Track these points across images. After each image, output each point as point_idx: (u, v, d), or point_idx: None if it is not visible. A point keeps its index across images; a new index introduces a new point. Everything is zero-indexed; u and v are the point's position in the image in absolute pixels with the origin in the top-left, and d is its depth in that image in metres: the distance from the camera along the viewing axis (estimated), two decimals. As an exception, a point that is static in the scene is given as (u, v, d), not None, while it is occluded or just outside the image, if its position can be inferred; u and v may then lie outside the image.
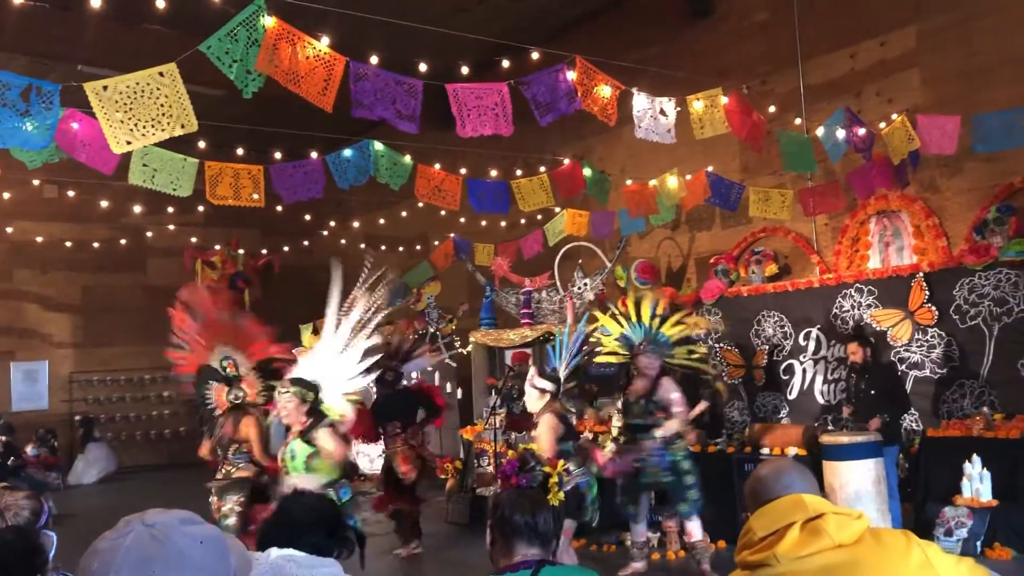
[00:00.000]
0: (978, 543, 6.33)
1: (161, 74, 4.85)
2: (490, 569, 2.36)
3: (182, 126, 4.89)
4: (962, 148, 7.75)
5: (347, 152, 7.91)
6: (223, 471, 6.74)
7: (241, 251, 17.03)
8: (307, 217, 14.51)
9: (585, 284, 11.83)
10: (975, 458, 6.64)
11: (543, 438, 5.64)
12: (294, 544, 2.31)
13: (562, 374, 6.35)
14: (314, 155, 7.92)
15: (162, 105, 4.81)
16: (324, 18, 5.86)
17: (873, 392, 7.25)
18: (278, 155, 8.43)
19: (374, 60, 5.90)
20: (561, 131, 11.99)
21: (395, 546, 8.14)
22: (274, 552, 2.29)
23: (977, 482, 6.59)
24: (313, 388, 5.60)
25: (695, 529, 6.50)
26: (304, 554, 2.29)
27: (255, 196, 7.97)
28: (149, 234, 16.90)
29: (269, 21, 5.05)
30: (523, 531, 2.33)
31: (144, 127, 4.79)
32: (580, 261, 12.13)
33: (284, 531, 2.38)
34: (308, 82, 5.15)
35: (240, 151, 9.03)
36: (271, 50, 4.96)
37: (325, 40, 5.39)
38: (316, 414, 5.59)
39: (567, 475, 3.34)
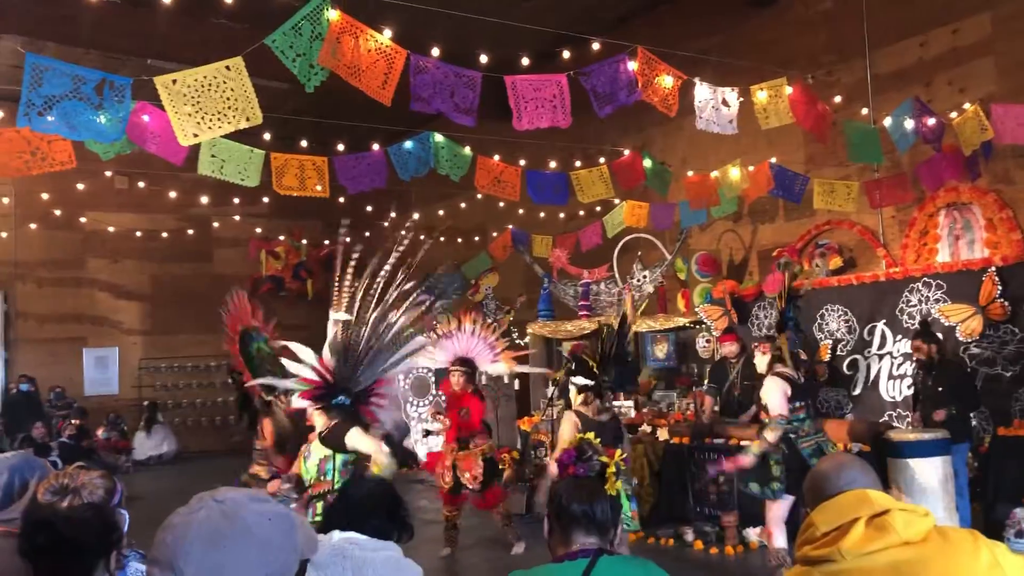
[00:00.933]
0: (1050, 546, 6.15)
1: (228, 68, 4.95)
2: (546, 558, 2.37)
3: (247, 119, 4.98)
4: (1039, 138, 7.50)
5: (408, 144, 7.99)
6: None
7: (304, 242, 17.33)
8: (368, 208, 14.69)
9: (644, 276, 11.76)
10: (1048, 458, 6.44)
11: (563, 436, 5.56)
12: (356, 527, 2.36)
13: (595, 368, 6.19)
14: (376, 147, 8.00)
15: (228, 98, 4.92)
16: (384, 10, 5.91)
17: (941, 389, 7.07)
18: (340, 147, 8.54)
19: (435, 52, 5.92)
20: (621, 122, 11.91)
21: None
22: (336, 535, 2.34)
23: (1050, 483, 6.40)
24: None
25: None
26: (366, 537, 2.34)
27: (319, 187, 8.12)
28: (215, 224, 17.29)
29: (333, 15, 5.11)
30: (581, 520, 2.33)
31: (211, 120, 4.90)
32: (639, 253, 12.06)
33: (346, 514, 2.43)
34: (369, 76, 5.20)
35: (304, 143, 9.17)
36: (334, 44, 5.03)
37: (387, 33, 5.44)
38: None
39: (624, 464, 3.29)
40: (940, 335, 8.39)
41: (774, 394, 5.79)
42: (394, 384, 5.47)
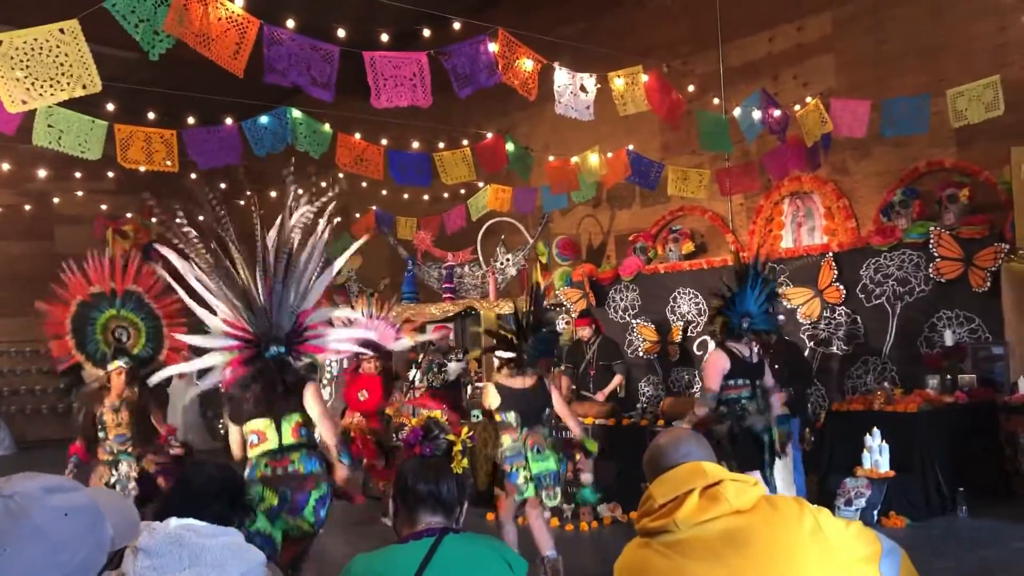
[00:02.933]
0: (875, 512, 6.59)
1: (62, 31, 4.63)
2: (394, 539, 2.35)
3: (83, 87, 4.68)
4: (872, 132, 8.00)
5: (264, 119, 7.75)
6: None
7: (154, 220, 16.50)
8: (223, 186, 14.11)
9: (507, 260, 11.87)
10: (875, 431, 6.90)
11: (489, 404, 5.56)
12: (195, 514, 2.27)
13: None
14: (229, 121, 7.70)
15: (62, 64, 4.60)
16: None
17: (777, 367, 7.48)
18: (192, 120, 8.17)
19: (290, 24, 5.74)
20: (485, 105, 11.93)
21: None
22: (173, 522, 2.24)
23: (876, 454, 6.86)
24: None
25: None
26: (204, 523, 2.24)
27: (168, 162, 7.75)
28: (56, 200, 16.21)
29: (179, -21, 4.87)
30: (427, 500, 2.32)
31: (42, 86, 4.58)
32: (503, 237, 12.14)
33: (185, 502, 2.33)
34: (219, 45, 4.99)
35: (152, 115, 8.71)
36: (181, 11, 4.79)
37: (239, 1, 5.22)
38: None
39: (471, 442, 3.26)
40: (782, 317, 8.87)
41: (708, 367, 5.76)
42: (322, 308, 4.88)
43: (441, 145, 9.84)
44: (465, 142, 9.85)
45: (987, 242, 7.65)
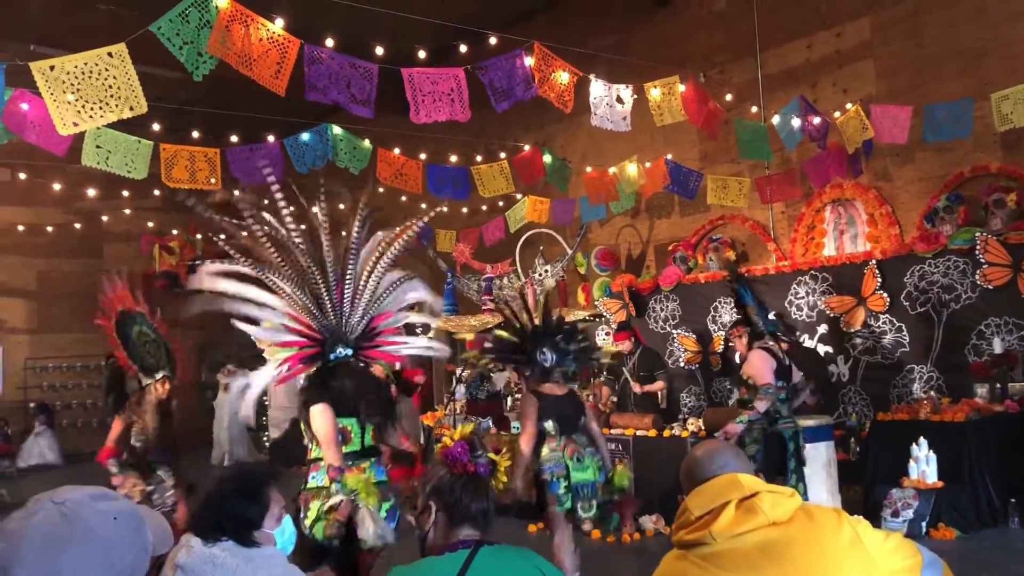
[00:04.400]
0: (923, 524, 6.48)
1: (110, 54, 4.77)
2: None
3: (131, 108, 4.82)
4: (914, 138, 7.90)
5: (305, 136, 7.88)
6: None
7: (199, 236, 16.83)
8: (265, 202, 14.36)
9: (546, 271, 11.89)
10: (922, 441, 6.79)
11: (523, 423, 5.44)
12: (217, 522, 2.34)
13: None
14: (271, 139, 7.84)
15: (110, 86, 4.74)
16: (280, 0, 5.80)
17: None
18: (235, 138, 8.34)
19: (329, 43, 5.84)
20: (522, 118, 12.00)
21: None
22: (195, 542, 2.31)
23: (923, 464, 6.74)
24: None
25: None
26: (234, 545, 2.30)
27: (212, 180, 7.92)
28: (105, 218, 16.61)
29: (222, 2, 4.99)
30: (477, 517, 2.36)
31: (92, 108, 4.72)
32: (541, 248, 12.17)
33: (203, 512, 2.41)
34: (261, 65, 5.10)
35: (196, 134, 8.91)
36: (223, 32, 4.90)
37: (279, 22, 5.34)
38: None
39: (508, 461, 3.24)
40: (826, 326, 8.80)
41: (760, 365, 5.76)
42: (396, 316, 4.70)
43: (479, 158, 9.92)
44: (503, 155, 9.90)
45: (1036, 247, 7.49)
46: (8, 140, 6.65)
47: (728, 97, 9.70)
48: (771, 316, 6.29)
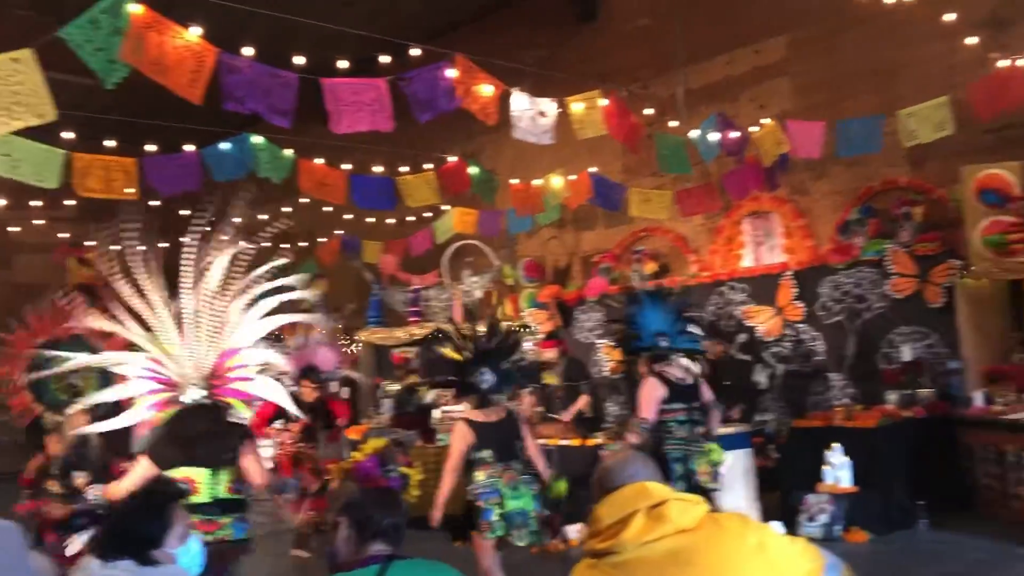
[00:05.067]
0: (837, 528, 6.67)
1: (15, 60, 4.62)
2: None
3: (39, 115, 4.67)
4: (827, 153, 8.15)
5: (224, 145, 7.74)
6: None
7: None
8: (184, 213, 14.02)
9: (474, 282, 11.89)
10: (836, 447, 6.98)
11: (451, 451, 5.20)
12: (123, 541, 2.28)
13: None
14: (189, 148, 7.69)
15: (16, 93, 4.58)
16: (196, 8, 5.69)
17: (726, 383, 7.63)
18: (152, 148, 8.13)
19: (248, 52, 5.76)
20: (450, 129, 11.97)
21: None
22: (94, 564, 2.24)
23: (838, 470, 6.94)
24: None
25: None
26: (131, 564, 2.25)
27: (129, 190, 7.72)
28: (14, 229, 15.99)
29: (135, 9, 4.88)
30: (388, 532, 2.34)
31: (-3, 115, 4.56)
32: (469, 259, 12.17)
33: (110, 533, 2.35)
34: (176, 74, 5.00)
35: (111, 143, 8.66)
36: (137, 39, 4.79)
37: (195, 30, 5.24)
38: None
39: (422, 475, 3.16)
40: (745, 335, 9.00)
41: (645, 395, 5.65)
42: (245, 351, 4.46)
43: (404, 169, 9.87)
44: (429, 166, 9.89)
45: (941, 259, 7.82)
46: (-92, 147, 6.39)
47: (650, 112, 9.86)
48: (688, 329, 6.09)
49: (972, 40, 7.54)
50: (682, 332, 5.91)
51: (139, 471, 4.19)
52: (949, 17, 7.58)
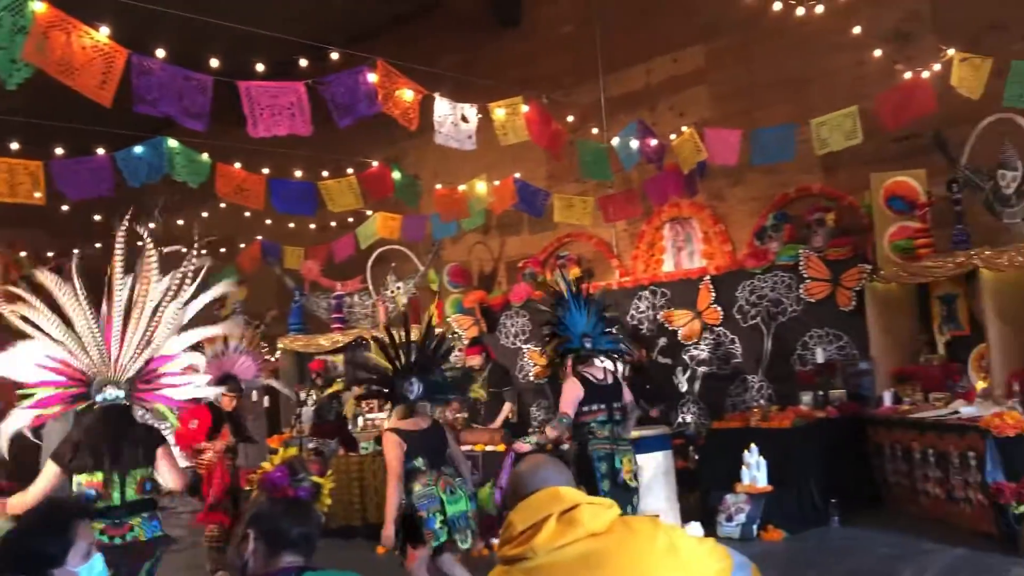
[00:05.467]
0: (755, 527, 6.82)
1: (-93, 59, 4.41)
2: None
3: (-66, 116, 4.46)
4: (744, 160, 8.34)
5: (138, 149, 7.53)
6: None
7: (24, 254, 15.74)
8: (97, 217, 13.57)
9: (398, 288, 11.81)
10: (753, 447, 7.16)
11: (389, 463, 5.19)
12: (23, 558, 2.19)
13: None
14: (100, 151, 7.45)
15: (-91, 93, 4.38)
16: (105, 7, 5.52)
17: (648, 387, 7.77)
18: (60, 151, 7.85)
19: (161, 54, 5.61)
20: (373, 134, 11.88)
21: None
22: None
23: (755, 470, 7.11)
24: None
25: None
26: None
27: (37, 194, 7.45)
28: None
29: (39, 7, 4.71)
30: (299, 543, 2.30)
31: None
32: (393, 265, 12.09)
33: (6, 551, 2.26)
34: (84, 75, 4.84)
35: (16, 146, 8.33)
36: (40, 39, 4.63)
37: (104, 30, 5.08)
38: None
39: (333, 484, 3.11)
40: (665, 339, 9.16)
41: (566, 392, 5.72)
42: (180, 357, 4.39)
43: (325, 174, 9.75)
44: (350, 171, 9.79)
45: (852, 263, 8.09)
46: None
47: (572, 119, 9.95)
48: (608, 330, 6.18)
49: (878, 52, 7.82)
50: (603, 333, 6.03)
51: (46, 478, 4.08)
52: (856, 30, 7.86)
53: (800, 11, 7.92)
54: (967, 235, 7.20)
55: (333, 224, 12.25)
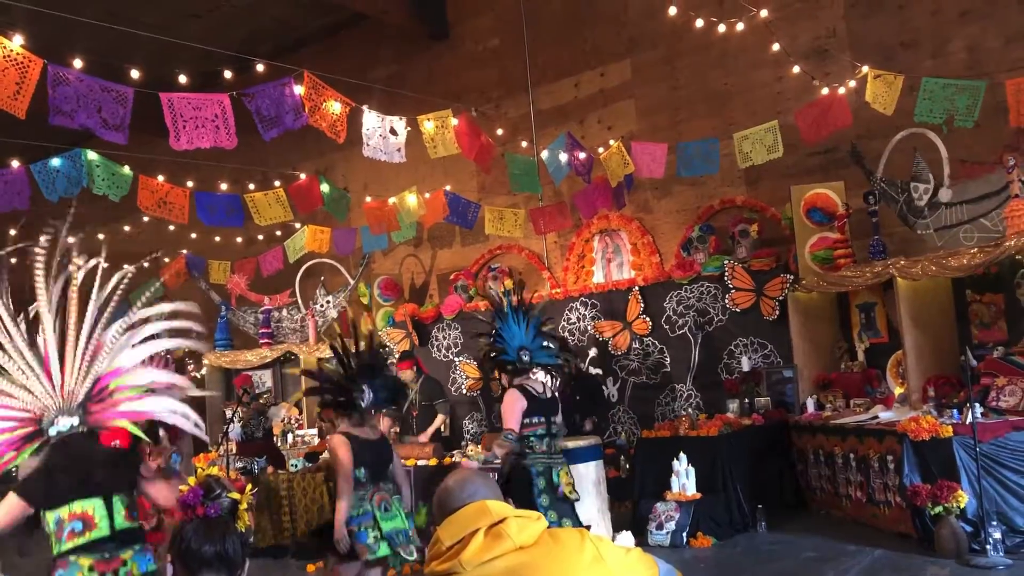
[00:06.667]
0: (684, 534, 6.90)
1: None
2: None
3: None
4: (670, 173, 8.51)
5: (55, 161, 7.30)
6: None
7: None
8: (12, 232, 13.10)
9: (328, 301, 11.68)
10: (682, 456, 7.25)
11: (341, 469, 5.03)
12: None
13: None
14: (15, 164, 7.20)
15: None
16: (17, 16, 5.36)
17: (579, 398, 7.82)
18: (-29, 163, 7.59)
19: (78, 64, 5.46)
20: (302, 146, 11.79)
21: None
22: None
23: (684, 478, 7.21)
24: None
25: None
26: None
27: (-54, 208, 7.17)
28: None
29: (-53, 15, 4.55)
30: (212, 561, 2.25)
31: None
32: (323, 278, 11.96)
33: None
34: (-4, 85, 4.68)
35: (-75, 157, 8.04)
36: (-51, 47, 4.46)
37: (18, 39, 4.93)
38: None
39: (253, 499, 2.94)
40: (596, 350, 9.24)
41: (508, 406, 5.61)
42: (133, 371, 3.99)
43: (252, 186, 9.60)
44: (278, 183, 9.66)
45: (775, 273, 8.29)
46: None
47: (500, 132, 10.01)
48: (546, 344, 6.14)
49: (797, 69, 8.06)
50: (541, 347, 6.01)
51: (5, 511, 3.59)
52: (775, 47, 8.09)
53: (721, 28, 8.11)
54: (883, 245, 7.44)
55: (260, 238, 12.08)
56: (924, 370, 7.03)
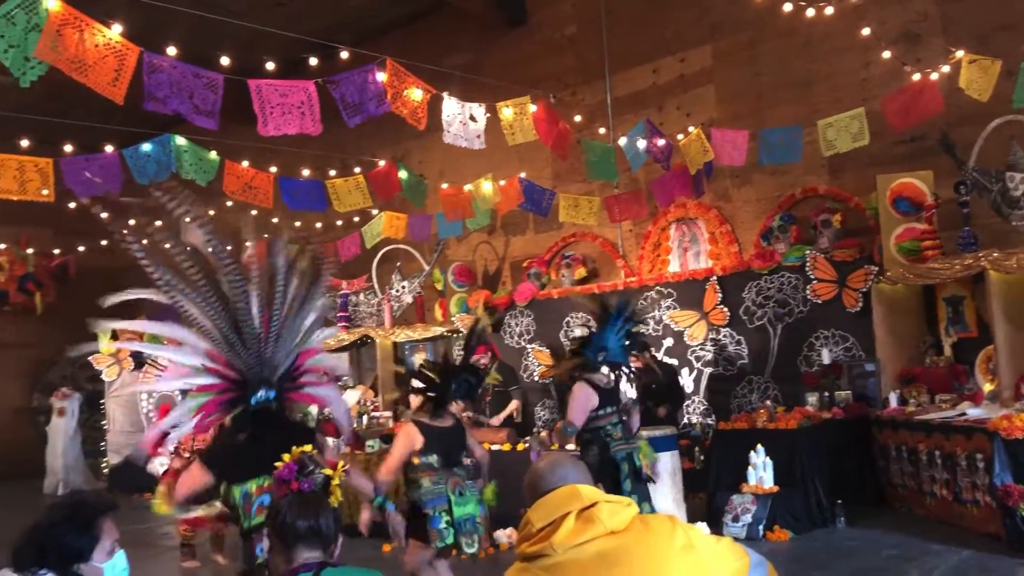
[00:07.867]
0: (760, 527, 6.82)
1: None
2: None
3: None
4: (751, 161, 8.36)
5: (146, 146, 7.55)
6: None
7: (31, 251, 15.78)
8: (104, 215, 13.61)
9: (403, 287, 11.83)
10: (759, 448, 7.16)
11: (393, 451, 5.11)
12: (40, 552, 2.22)
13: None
14: (109, 149, 7.46)
15: (-76, 89, 4.40)
16: (117, 5, 5.55)
17: (654, 387, 7.78)
18: (69, 148, 7.88)
19: (172, 52, 5.62)
20: (379, 133, 11.92)
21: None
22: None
23: (761, 471, 7.11)
24: None
25: None
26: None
27: (45, 191, 7.47)
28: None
29: (52, 4, 4.73)
30: (307, 536, 2.31)
31: (-98, 112, 4.36)
32: (399, 264, 12.11)
33: (28, 542, 2.29)
34: (96, 72, 4.86)
35: (26, 143, 8.37)
36: (54, 36, 4.64)
37: (117, 28, 5.10)
38: None
39: (346, 475, 2.97)
40: (671, 340, 9.17)
41: (574, 402, 5.64)
42: (321, 354, 4.11)
43: (332, 173, 9.76)
44: (358, 169, 9.80)
45: (858, 264, 8.09)
46: None
47: (578, 118, 9.97)
48: (621, 345, 5.97)
49: (886, 54, 7.82)
50: (621, 347, 5.97)
51: (191, 475, 3.76)
52: (865, 31, 7.86)
53: (810, 12, 7.91)
54: (975, 237, 7.19)
55: (339, 223, 12.27)
56: (1017, 367, 6.79)
